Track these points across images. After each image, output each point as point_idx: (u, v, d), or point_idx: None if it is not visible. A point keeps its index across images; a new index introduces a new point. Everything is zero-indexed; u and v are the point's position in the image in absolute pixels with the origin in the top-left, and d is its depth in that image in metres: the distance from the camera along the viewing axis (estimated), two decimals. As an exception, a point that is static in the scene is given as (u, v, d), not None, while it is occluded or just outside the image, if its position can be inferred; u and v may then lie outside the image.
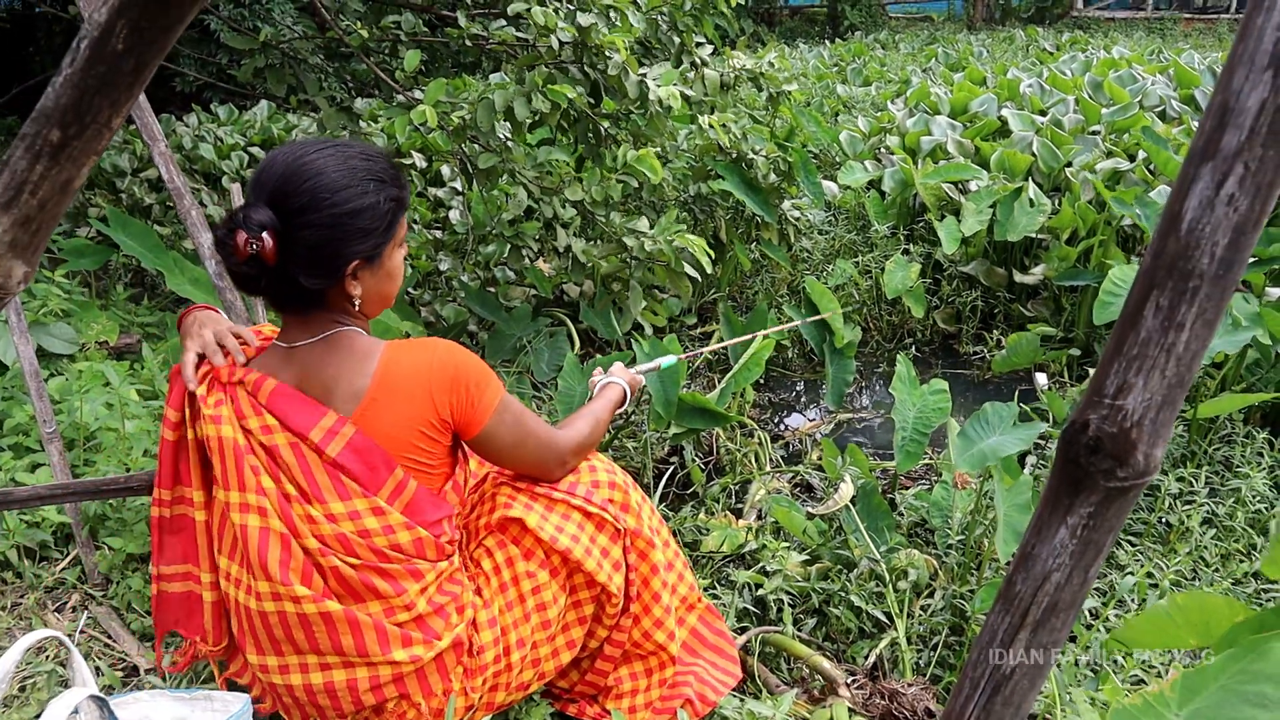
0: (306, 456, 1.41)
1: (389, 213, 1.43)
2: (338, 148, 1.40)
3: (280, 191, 1.35)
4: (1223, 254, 0.61)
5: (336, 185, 1.36)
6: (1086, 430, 0.67)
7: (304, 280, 1.38)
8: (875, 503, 2.35)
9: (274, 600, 1.42)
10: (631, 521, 1.71)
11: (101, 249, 3.60)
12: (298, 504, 1.42)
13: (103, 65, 0.63)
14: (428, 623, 1.49)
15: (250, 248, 1.33)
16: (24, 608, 1.99)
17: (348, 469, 1.41)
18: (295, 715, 1.54)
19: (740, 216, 4.05)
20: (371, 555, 1.43)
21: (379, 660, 1.45)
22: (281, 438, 1.42)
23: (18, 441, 2.43)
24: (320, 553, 1.41)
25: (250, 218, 1.33)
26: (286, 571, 1.41)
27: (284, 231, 1.35)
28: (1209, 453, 2.85)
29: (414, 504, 1.47)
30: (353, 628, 1.43)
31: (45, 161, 0.65)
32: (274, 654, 1.47)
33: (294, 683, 1.47)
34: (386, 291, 1.51)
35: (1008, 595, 0.74)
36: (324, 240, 1.37)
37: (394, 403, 1.43)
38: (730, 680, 1.84)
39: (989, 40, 12.86)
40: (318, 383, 1.45)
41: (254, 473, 1.42)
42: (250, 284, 1.40)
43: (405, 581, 1.46)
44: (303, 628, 1.43)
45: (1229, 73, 0.60)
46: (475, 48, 3.15)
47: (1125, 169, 4.22)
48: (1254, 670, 0.93)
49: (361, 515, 1.42)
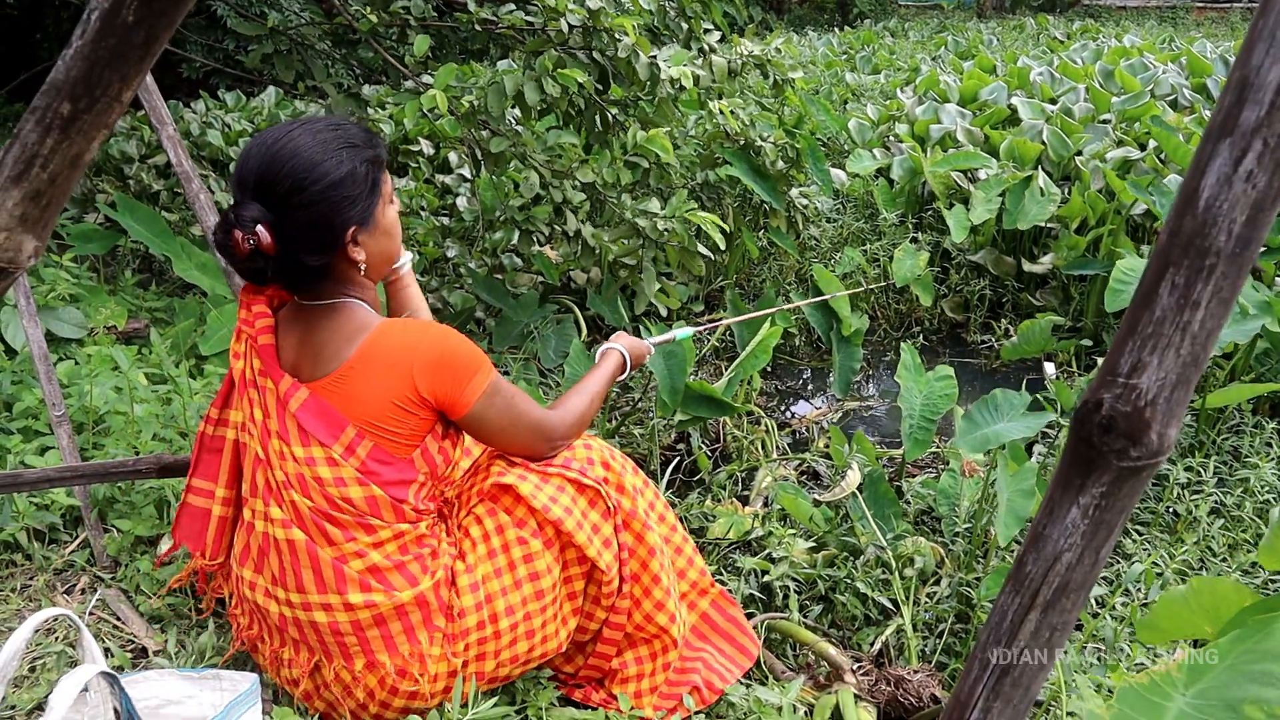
0: (281, 402, 1.52)
1: (368, 174, 1.48)
2: (304, 125, 1.46)
3: (262, 183, 1.41)
4: (1240, 231, 0.61)
5: (314, 161, 1.42)
6: (1100, 409, 0.66)
7: (307, 259, 1.45)
8: (882, 490, 2.34)
9: (264, 520, 1.54)
10: (626, 503, 1.71)
11: (109, 234, 3.61)
12: (275, 439, 1.52)
13: (113, 37, 0.63)
14: (385, 576, 1.53)
15: (249, 243, 1.39)
16: (33, 589, 2.00)
17: (304, 424, 1.50)
18: (274, 640, 1.60)
19: (748, 204, 4.03)
20: (323, 501, 1.50)
21: (336, 603, 1.50)
22: (266, 382, 1.54)
23: (27, 425, 2.44)
24: (285, 485, 1.51)
25: (242, 216, 1.40)
26: (268, 493, 1.53)
27: (277, 220, 1.41)
28: (1217, 442, 2.84)
29: (369, 463, 1.51)
30: (312, 559, 1.50)
31: (56, 135, 0.65)
32: (258, 573, 1.57)
33: (271, 610, 1.56)
34: (389, 249, 1.58)
35: (1018, 576, 0.74)
36: (316, 217, 1.43)
37: (371, 374, 1.50)
38: (739, 668, 1.84)
39: (999, 28, 12.79)
40: (312, 344, 1.54)
41: (250, 404, 1.57)
42: (259, 277, 1.49)
43: (355, 532, 1.51)
44: (275, 552, 1.52)
45: (1249, 48, 0.59)
46: (484, 33, 3.14)
47: (1136, 158, 4.19)
48: (1260, 649, 0.93)
49: (316, 462, 1.50)
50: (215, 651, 1.79)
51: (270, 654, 1.61)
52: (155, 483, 2.22)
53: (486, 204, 3.84)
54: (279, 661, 1.60)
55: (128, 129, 4.53)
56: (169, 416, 2.49)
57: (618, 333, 2.03)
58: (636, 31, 2.80)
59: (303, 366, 1.54)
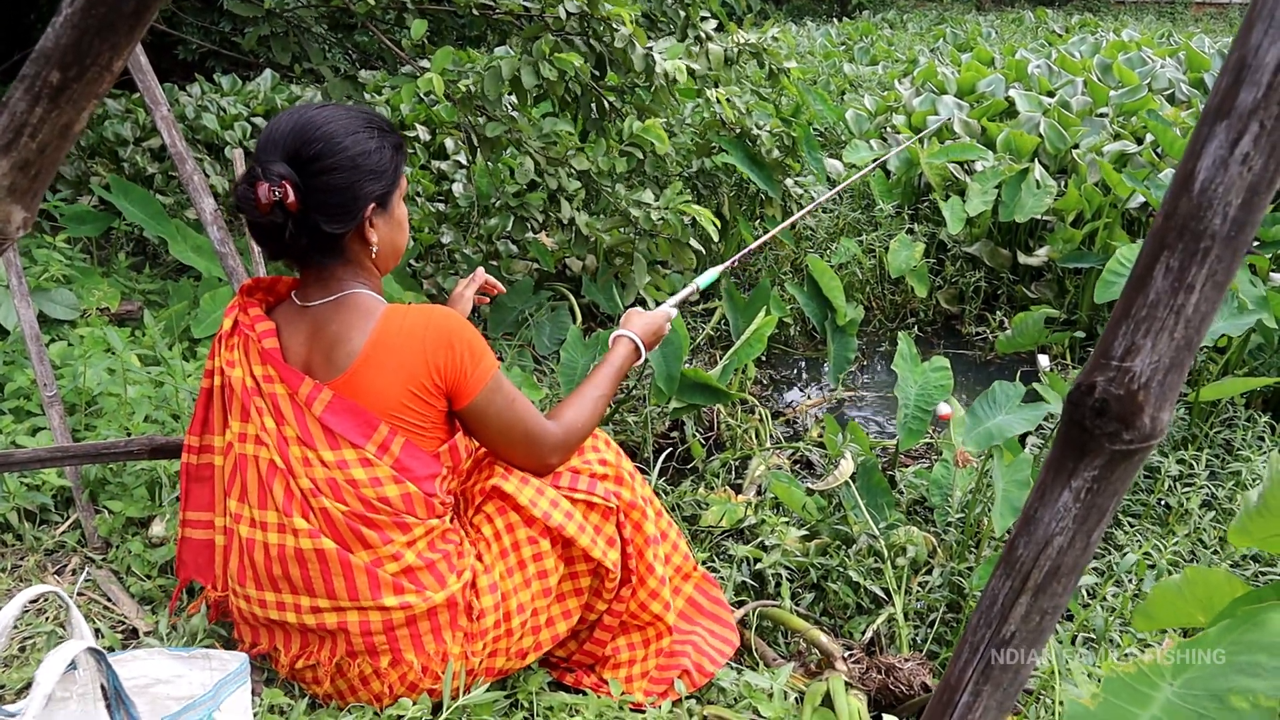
0: (300, 407, 1.49)
1: (393, 158, 1.52)
2: (336, 105, 1.51)
3: (294, 144, 1.43)
4: (1235, 214, 0.60)
5: (347, 130, 1.46)
6: (1093, 392, 0.66)
7: (326, 226, 1.45)
8: (875, 480, 2.34)
9: (279, 532, 1.49)
10: (626, 494, 1.72)
11: (103, 216, 3.59)
12: (295, 445, 1.48)
13: (104, 6, 0.62)
14: (418, 576, 1.51)
15: (273, 195, 1.39)
16: (24, 570, 2.00)
17: (331, 426, 1.47)
18: (294, 646, 1.56)
19: (744, 193, 4.03)
20: (359, 504, 1.48)
21: (369, 605, 1.48)
22: (280, 388, 1.50)
23: (19, 405, 2.43)
24: (312, 494, 1.47)
25: (270, 170, 1.41)
26: (289, 504, 1.48)
27: (302, 180, 1.42)
28: (1210, 435, 2.85)
29: (404, 459, 1.50)
30: (345, 568, 1.47)
31: (45, 104, 0.65)
32: (271, 590, 1.53)
33: (290, 620, 1.53)
34: (398, 241, 1.60)
35: (1009, 559, 0.74)
36: (342, 183, 1.44)
37: (387, 361, 1.48)
38: (728, 649, 1.84)
39: (998, 21, 12.78)
40: (322, 339, 1.51)
41: (259, 413, 1.51)
42: (274, 235, 1.46)
43: (391, 532, 1.49)
44: (299, 564, 1.48)
45: (1247, 28, 0.58)
46: (482, 18, 3.12)
47: (1132, 151, 4.19)
48: (1248, 640, 0.93)
49: (349, 465, 1.47)
50: (206, 634, 1.79)
51: (289, 660, 1.58)
52: (147, 464, 2.21)
53: (482, 190, 3.83)
54: (298, 660, 1.58)
55: (123, 111, 4.51)
56: (161, 398, 2.48)
57: (629, 311, 1.94)
58: (633, 20, 2.78)
59: (315, 366, 1.51)
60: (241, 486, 1.54)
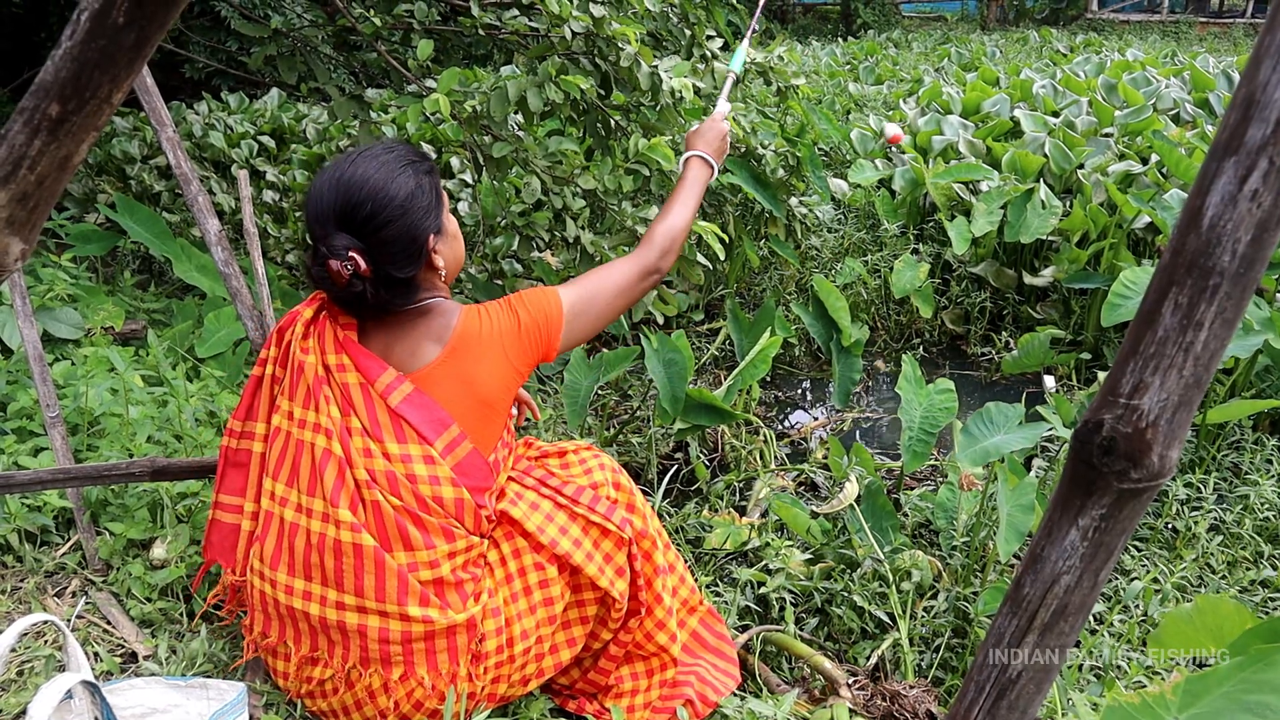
0: (373, 398, 1.52)
1: (432, 185, 1.56)
2: (362, 155, 1.52)
3: (344, 212, 1.47)
4: (1245, 251, 0.60)
5: (386, 180, 1.48)
6: (1100, 430, 0.65)
7: (399, 274, 1.50)
8: (880, 503, 2.33)
9: (322, 521, 1.51)
10: (638, 522, 1.72)
11: (109, 235, 3.60)
12: (359, 436, 1.52)
13: (103, 39, 0.62)
14: (446, 592, 1.52)
15: (346, 269, 1.44)
16: (24, 592, 1.99)
17: (407, 418, 1.51)
18: (305, 645, 1.56)
19: (749, 212, 4.03)
20: (413, 500, 1.50)
21: (393, 611, 1.49)
22: (353, 377, 1.54)
23: (21, 425, 2.43)
24: (367, 485, 1.50)
25: (334, 246, 1.45)
26: (339, 494, 1.50)
27: (365, 242, 1.46)
28: (1218, 459, 2.83)
29: (465, 463, 1.54)
30: (378, 567, 1.48)
31: (44, 136, 0.64)
32: (303, 577, 1.54)
33: (312, 611, 1.53)
34: (459, 252, 1.66)
35: (1015, 598, 0.72)
36: (402, 231, 1.49)
37: (467, 361, 1.54)
38: (731, 682, 1.83)
39: (1002, 41, 12.81)
40: (405, 341, 1.56)
41: (326, 401, 1.54)
42: (359, 302, 1.52)
43: (436, 537, 1.51)
44: (335, 555, 1.49)
45: (1255, 64, 0.58)
46: (488, 38, 3.13)
47: (1138, 172, 4.19)
48: (1258, 679, 0.91)
49: (413, 460, 1.51)
50: (206, 658, 1.78)
51: (298, 660, 1.58)
52: (148, 486, 2.21)
53: (488, 210, 3.83)
54: (306, 663, 1.57)
55: (130, 129, 4.53)
56: (164, 419, 2.47)
57: (689, 134, 1.99)
58: (639, 40, 2.79)
59: (396, 361, 1.56)
60: (292, 470, 1.56)
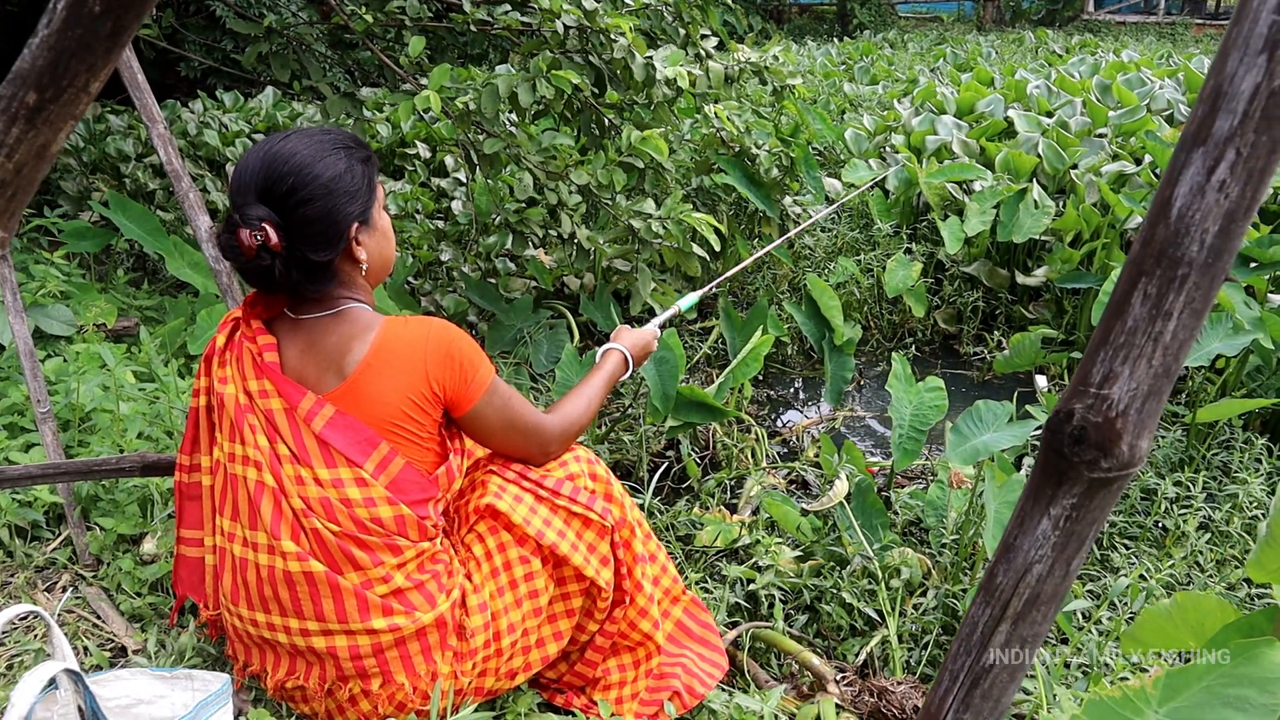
0: (297, 423, 1.49)
1: (364, 173, 1.52)
2: (298, 133, 1.50)
3: (265, 183, 1.43)
4: (1213, 241, 0.60)
5: (315, 156, 1.46)
6: (1071, 420, 0.66)
7: (313, 256, 1.46)
8: (870, 500, 2.33)
9: (268, 554, 1.48)
10: (616, 511, 1.71)
11: (103, 232, 3.60)
12: (289, 464, 1.48)
13: (80, 28, 0.62)
14: (407, 597, 1.51)
15: (255, 239, 1.40)
16: (14, 587, 1.99)
17: (332, 444, 1.47)
18: (281, 670, 1.55)
19: (742, 212, 4.03)
20: (351, 525, 1.47)
21: (358, 629, 1.48)
22: (276, 403, 1.50)
23: (12, 421, 2.43)
24: (304, 514, 1.47)
25: (247, 215, 1.42)
26: (278, 525, 1.47)
27: (281, 219, 1.43)
28: (1207, 457, 2.84)
29: (400, 480, 1.50)
30: (334, 591, 1.47)
31: (21, 125, 0.65)
32: (263, 610, 1.52)
33: (281, 640, 1.52)
34: (386, 252, 1.60)
35: (989, 588, 0.73)
36: (321, 211, 1.45)
37: (387, 372, 1.49)
38: (718, 672, 1.83)
39: (998, 41, 12.83)
40: (321, 351, 1.52)
41: (252, 430, 1.50)
42: (265, 277, 1.46)
43: (382, 554, 1.49)
44: (288, 586, 1.48)
45: (1223, 57, 0.58)
46: (481, 34, 3.13)
47: (1131, 172, 4.20)
48: (1238, 674, 0.92)
49: (345, 484, 1.47)
50: (195, 652, 1.78)
51: (275, 684, 1.57)
52: (139, 481, 2.21)
53: (481, 208, 3.84)
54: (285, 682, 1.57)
55: (125, 128, 4.53)
56: (155, 415, 2.48)
57: (618, 329, 1.99)
58: (632, 32, 2.79)
59: (313, 378, 1.51)
60: (233, 505, 1.54)
